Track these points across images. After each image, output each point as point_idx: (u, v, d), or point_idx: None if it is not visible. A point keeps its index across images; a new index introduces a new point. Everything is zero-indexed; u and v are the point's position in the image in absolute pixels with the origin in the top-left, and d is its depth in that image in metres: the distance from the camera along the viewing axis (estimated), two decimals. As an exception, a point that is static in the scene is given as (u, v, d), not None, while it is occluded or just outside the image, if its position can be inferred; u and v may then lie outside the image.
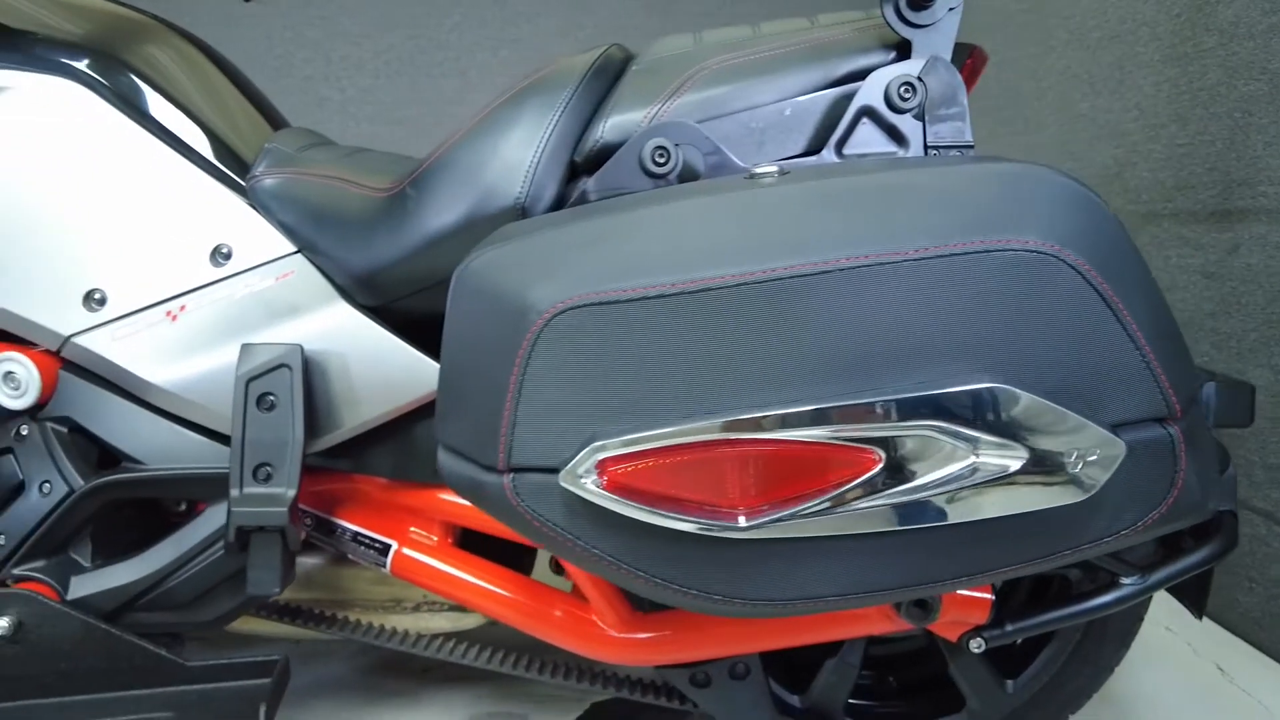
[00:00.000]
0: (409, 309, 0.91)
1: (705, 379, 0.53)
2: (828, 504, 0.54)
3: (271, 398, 0.86)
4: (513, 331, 0.55)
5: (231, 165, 0.98)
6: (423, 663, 1.33)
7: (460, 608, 1.07)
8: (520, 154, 0.82)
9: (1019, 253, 0.53)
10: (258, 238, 0.93)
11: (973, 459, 0.54)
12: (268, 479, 0.86)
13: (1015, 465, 0.54)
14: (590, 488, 0.54)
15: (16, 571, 0.91)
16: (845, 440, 0.53)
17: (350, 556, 0.98)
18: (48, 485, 0.92)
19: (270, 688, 0.89)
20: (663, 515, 0.53)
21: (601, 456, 0.54)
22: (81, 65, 0.94)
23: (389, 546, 0.96)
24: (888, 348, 0.53)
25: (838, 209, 0.56)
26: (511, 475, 0.57)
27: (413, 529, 0.98)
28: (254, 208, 0.94)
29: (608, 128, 0.81)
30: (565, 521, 0.57)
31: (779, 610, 0.59)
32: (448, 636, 1.04)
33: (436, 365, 0.89)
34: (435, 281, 0.88)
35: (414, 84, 2.51)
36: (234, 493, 0.85)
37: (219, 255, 0.93)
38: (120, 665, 0.89)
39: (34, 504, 0.92)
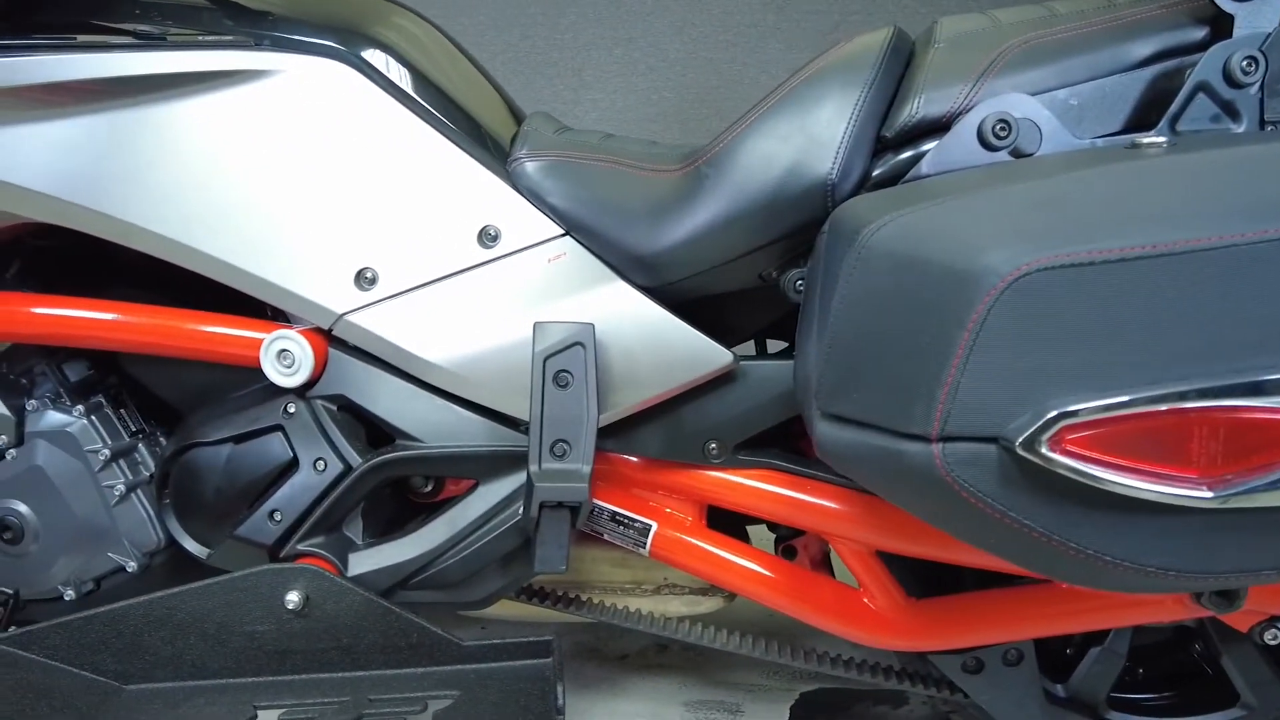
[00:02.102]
0: (685, 290, 0.91)
1: (1177, 344, 0.53)
2: (1296, 473, 0.53)
3: (567, 375, 0.86)
4: (960, 296, 0.55)
5: (488, 147, 0.98)
6: (618, 649, 1.32)
7: (699, 592, 1.06)
8: (830, 131, 0.82)
9: None
10: (524, 220, 0.93)
11: None
12: (564, 455, 0.86)
13: None
14: (1050, 455, 0.53)
15: (301, 547, 0.91)
16: (1319, 408, 0.52)
17: (606, 537, 0.97)
18: (322, 462, 0.92)
19: (553, 668, 0.88)
20: (1137, 484, 0.53)
21: (1065, 423, 0.53)
22: (346, 47, 0.94)
23: (649, 527, 0.96)
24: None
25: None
26: (942, 444, 0.57)
27: (667, 509, 0.98)
28: (516, 190, 0.94)
29: (923, 102, 0.80)
30: (997, 491, 0.56)
31: (1208, 583, 0.58)
32: (692, 619, 1.03)
33: (716, 345, 0.90)
34: (724, 261, 0.88)
35: (530, 83, 2.52)
36: (533, 468, 0.85)
37: (486, 237, 0.93)
38: (398, 643, 0.89)
39: (310, 481, 0.92)
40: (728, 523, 1.00)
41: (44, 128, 0.87)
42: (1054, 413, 0.53)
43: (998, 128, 0.75)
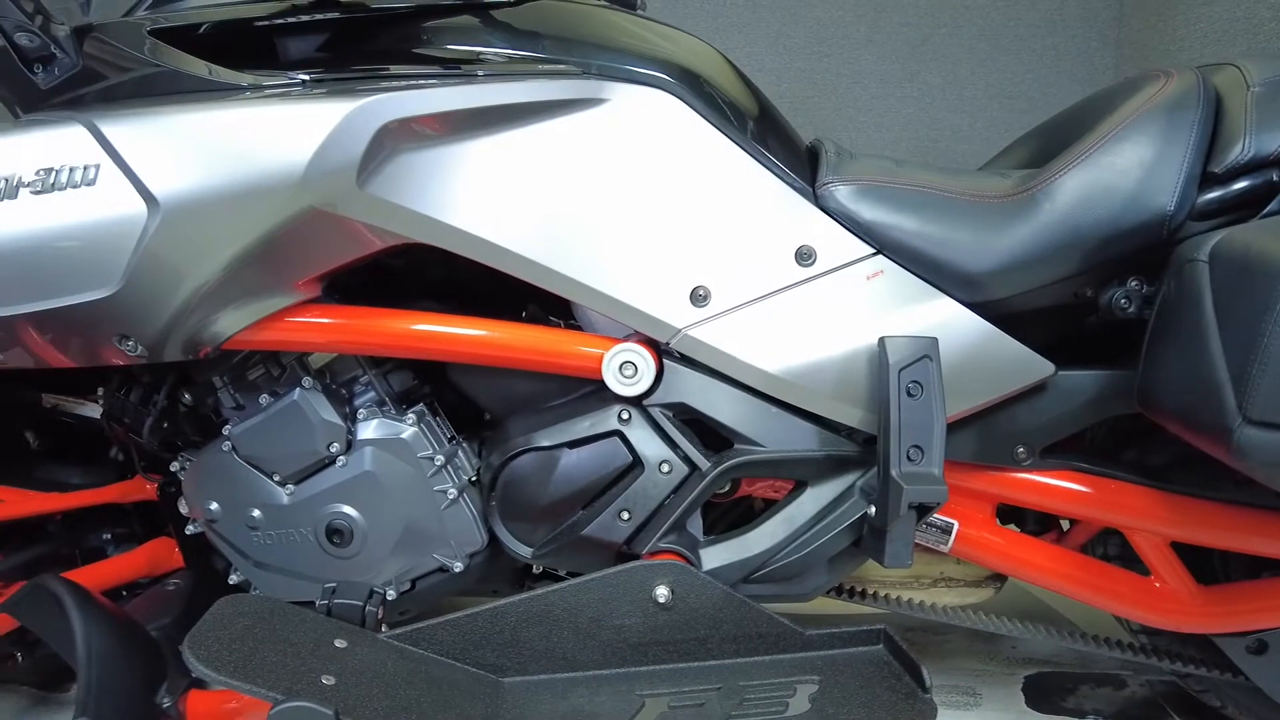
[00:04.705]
0: (1003, 306, 0.99)
1: None
2: None
3: (917, 385, 0.94)
4: None
5: (790, 170, 1.05)
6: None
7: (972, 584, 1.15)
8: (1168, 167, 0.91)
9: None
10: (835, 239, 1.00)
11: None
12: (916, 460, 0.93)
13: None
14: None
15: (663, 544, 0.98)
16: None
17: (907, 535, 1.06)
18: (666, 465, 0.99)
19: (891, 653, 0.96)
20: None
21: None
22: (667, 77, 1.00)
23: (951, 525, 1.04)
24: None
25: None
26: None
27: (961, 508, 1.06)
28: (824, 211, 1.01)
29: (1252, 141, 0.89)
30: None
31: None
32: (967, 608, 1.12)
33: (1039, 356, 0.98)
34: (1052, 281, 0.96)
35: (631, 89, 2.58)
36: (894, 472, 0.92)
37: (802, 256, 1.00)
38: (749, 632, 0.96)
39: (658, 482, 0.99)
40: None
41: (422, 155, 0.92)
42: None
43: (1348, 168, 0.85)
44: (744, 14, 2.64)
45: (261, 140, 0.86)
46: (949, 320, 0.98)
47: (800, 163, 1.07)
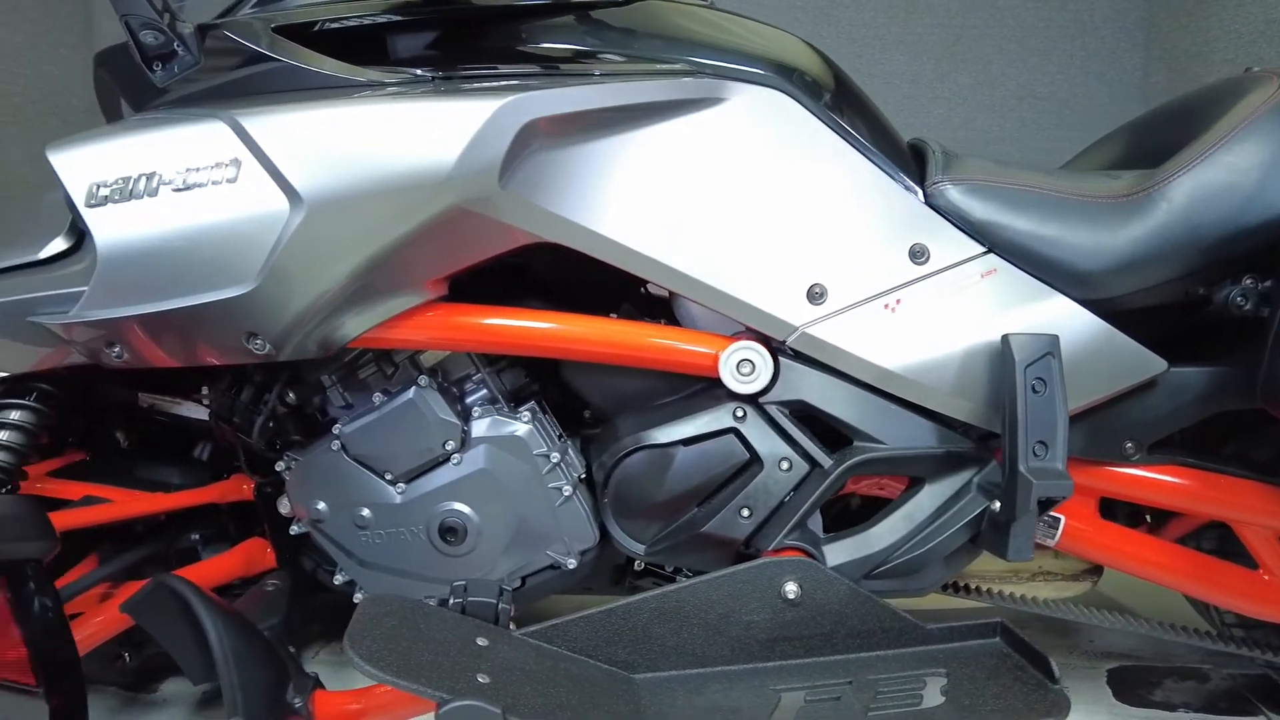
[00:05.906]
0: (1116, 304, 1.00)
1: None
2: None
3: (1041, 382, 0.95)
4: None
5: (900, 169, 1.06)
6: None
7: (1069, 578, 1.17)
8: (1289, 166, 0.93)
9: None
10: (948, 238, 1.01)
11: None
12: (1041, 455, 0.94)
13: None
14: None
15: (788, 541, 0.98)
16: None
17: (1013, 530, 1.07)
18: (786, 463, 1.00)
19: (1010, 645, 0.97)
20: None
21: None
22: (782, 77, 1.01)
23: (1058, 520, 1.06)
24: None
25: None
26: None
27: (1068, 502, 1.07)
28: (934, 210, 1.02)
29: (1372, 143, 0.92)
30: None
31: None
32: (1065, 600, 1.14)
33: (1151, 353, 1.00)
34: (1167, 279, 0.98)
35: (666, 89, 2.58)
36: (1022, 468, 0.93)
37: (915, 254, 1.01)
38: (872, 627, 0.96)
39: (778, 480, 1.00)
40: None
41: (553, 154, 0.92)
42: None
43: None
44: (776, 14, 2.63)
45: (408, 137, 0.86)
46: (1063, 318, 1.00)
47: (906, 161, 1.08)
